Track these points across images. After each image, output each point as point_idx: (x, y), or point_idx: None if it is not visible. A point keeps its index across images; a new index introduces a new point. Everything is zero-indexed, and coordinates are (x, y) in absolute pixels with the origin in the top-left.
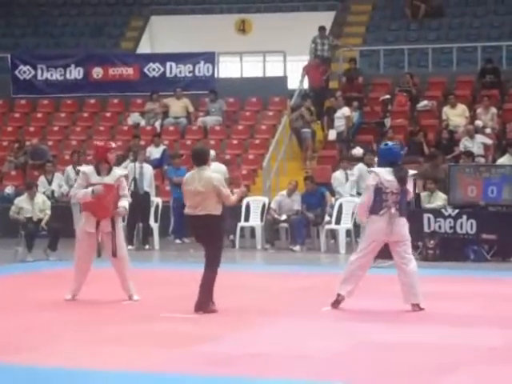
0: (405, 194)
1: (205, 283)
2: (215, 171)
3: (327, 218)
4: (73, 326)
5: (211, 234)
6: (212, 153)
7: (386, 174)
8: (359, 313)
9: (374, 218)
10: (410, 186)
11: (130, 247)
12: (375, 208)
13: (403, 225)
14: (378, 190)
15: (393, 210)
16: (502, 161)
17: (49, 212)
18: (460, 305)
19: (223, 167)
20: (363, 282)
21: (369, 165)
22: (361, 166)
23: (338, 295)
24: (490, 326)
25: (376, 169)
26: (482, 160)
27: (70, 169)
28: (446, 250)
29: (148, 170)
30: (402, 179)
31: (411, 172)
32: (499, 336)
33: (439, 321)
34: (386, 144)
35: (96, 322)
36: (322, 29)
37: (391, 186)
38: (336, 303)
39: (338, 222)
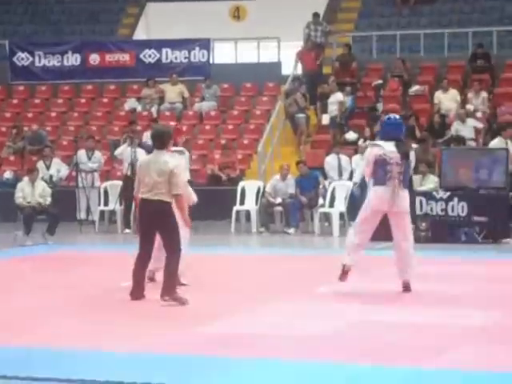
0: (408, 167)
1: (169, 270)
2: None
3: (321, 201)
4: (64, 309)
5: (165, 220)
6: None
7: (389, 146)
8: (352, 294)
9: (378, 188)
10: (412, 160)
11: (127, 230)
12: (380, 179)
13: (405, 197)
14: (383, 161)
15: (397, 181)
16: (493, 143)
17: (49, 199)
18: (451, 286)
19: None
20: (358, 263)
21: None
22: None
23: (344, 266)
24: (480, 306)
25: (378, 141)
26: (473, 143)
27: (82, 153)
28: (437, 232)
29: (141, 154)
30: (405, 154)
31: (413, 146)
32: (489, 316)
33: (430, 301)
34: (389, 118)
35: (95, 304)
36: (315, 15)
37: (395, 157)
38: (343, 275)
39: (331, 205)
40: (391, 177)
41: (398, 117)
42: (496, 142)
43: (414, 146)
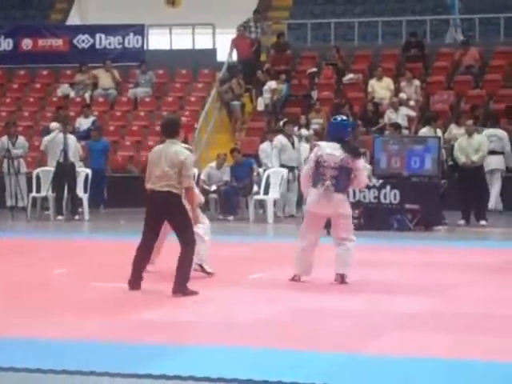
0: (346, 172)
1: (183, 264)
2: None
3: (255, 188)
4: (1, 295)
5: (175, 213)
6: None
7: (328, 148)
8: (285, 281)
9: (312, 190)
10: (360, 163)
11: (59, 217)
12: (314, 181)
13: (339, 200)
14: (318, 164)
15: (327, 184)
16: (422, 132)
17: None
18: (383, 273)
19: None
20: (291, 250)
21: (289, 135)
22: (280, 137)
23: (294, 275)
24: (412, 293)
25: (321, 142)
26: (406, 132)
27: (4, 139)
28: (370, 219)
29: (73, 140)
30: (353, 153)
31: (362, 150)
32: (420, 303)
33: (363, 288)
34: (335, 119)
35: (26, 291)
36: (256, 12)
37: (329, 159)
38: (293, 281)
39: (266, 192)
40: (323, 179)
41: (344, 118)
42: (425, 131)
43: (362, 149)
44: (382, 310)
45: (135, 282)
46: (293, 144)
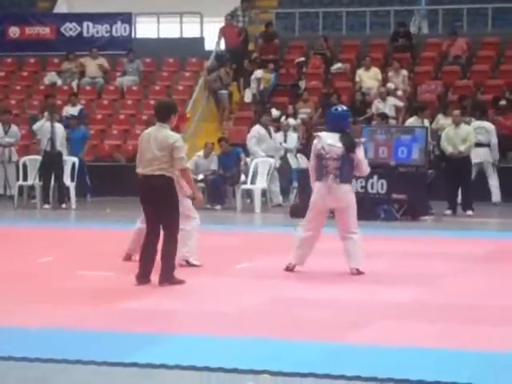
0: (348, 161)
1: (167, 254)
2: None
3: (243, 178)
4: None
5: (166, 196)
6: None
7: (328, 139)
8: (272, 271)
9: (317, 184)
10: (360, 153)
11: (46, 206)
12: (318, 174)
13: (345, 192)
14: (320, 156)
15: (332, 176)
16: (409, 122)
17: None
18: (371, 263)
19: None
20: (279, 240)
21: (266, 125)
22: (258, 127)
23: (289, 264)
24: (399, 283)
25: (321, 133)
26: (394, 122)
27: None
28: (357, 208)
29: (60, 129)
30: (349, 147)
31: (360, 140)
32: (407, 292)
33: (350, 278)
34: (336, 109)
35: (11, 280)
36: (244, 1)
37: (331, 151)
38: (287, 271)
39: (253, 182)
40: (327, 172)
41: (344, 108)
42: (412, 121)
43: (361, 139)
44: (369, 299)
45: (144, 276)
46: (270, 134)
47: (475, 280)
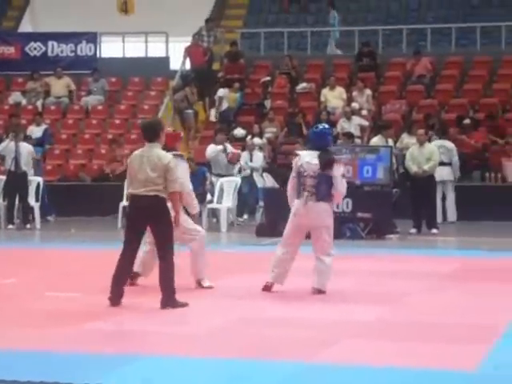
0: (326, 179)
1: (165, 277)
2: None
3: (209, 197)
4: None
5: (160, 216)
6: None
7: (307, 157)
8: (241, 290)
9: (296, 201)
10: (336, 171)
11: (10, 226)
12: (296, 192)
13: (321, 210)
14: (299, 174)
15: (307, 194)
16: (374, 141)
17: None
18: (336, 281)
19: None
20: (245, 259)
21: (220, 145)
22: (213, 146)
23: (267, 282)
24: (364, 301)
25: (301, 151)
26: (359, 141)
27: None
28: None
29: (25, 149)
30: (325, 164)
31: (338, 157)
32: (373, 311)
33: (317, 297)
34: (317, 127)
35: None
36: (208, 21)
37: (309, 168)
38: (265, 289)
39: (219, 201)
40: (303, 189)
41: (326, 126)
42: (376, 140)
43: (340, 156)
44: (335, 318)
45: (116, 298)
46: (225, 152)
47: (440, 298)
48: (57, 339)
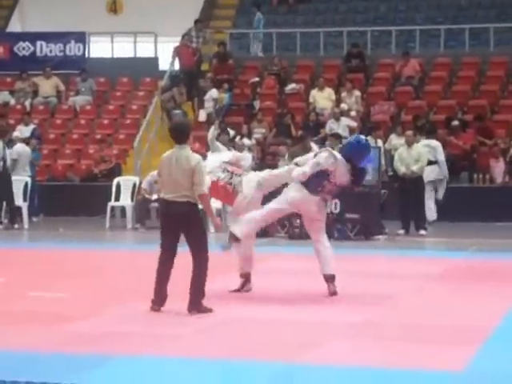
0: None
1: (197, 282)
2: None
3: None
4: None
5: (192, 224)
6: None
7: (343, 167)
8: (224, 291)
9: (305, 192)
10: (307, 165)
11: None
12: (313, 188)
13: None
14: (324, 173)
15: (327, 198)
16: None
17: None
18: (320, 282)
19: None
20: (232, 259)
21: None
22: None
23: (233, 234)
24: (351, 302)
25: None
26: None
27: None
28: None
29: (13, 148)
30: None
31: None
32: (360, 312)
33: (304, 298)
34: (361, 139)
35: None
36: (198, 22)
37: (340, 180)
38: (232, 239)
39: None
40: (322, 191)
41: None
42: None
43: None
44: (322, 319)
45: (159, 301)
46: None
47: (428, 299)
48: (36, 339)
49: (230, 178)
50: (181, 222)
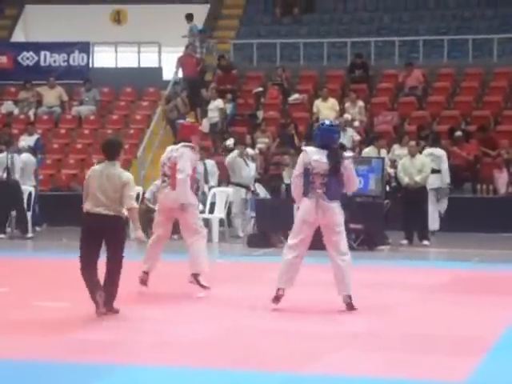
0: (336, 178)
1: (110, 282)
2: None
3: (201, 207)
4: None
5: (115, 235)
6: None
7: (315, 154)
8: (231, 300)
9: (304, 199)
10: (349, 170)
11: (1, 236)
12: (304, 190)
13: (333, 210)
14: (306, 171)
15: (319, 192)
16: (366, 152)
17: None
18: (327, 292)
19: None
20: (237, 269)
21: (241, 155)
22: (235, 154)
23: (278, 289)
24: (354, 312)
25: (307, 147)
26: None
27: None
28: (314, 238)
29: (17, 159)
30: (335, 166)
31: (348, 155)
32: (362, 323)
33: (306, 308)
34: (323, 123)
35: None
36: (202, 32)
37: (318, 166)
38: (276, 299)
39: (211, 211)
40: (313, 188)
41: (333, 122)
42: (368, 151)
43: (349, 154)
44: (326, 329)
45: (102, 304)
46: (246, 163)
47: (431, 310)
48: (39, 348)
49: None
50: (102, 233)
